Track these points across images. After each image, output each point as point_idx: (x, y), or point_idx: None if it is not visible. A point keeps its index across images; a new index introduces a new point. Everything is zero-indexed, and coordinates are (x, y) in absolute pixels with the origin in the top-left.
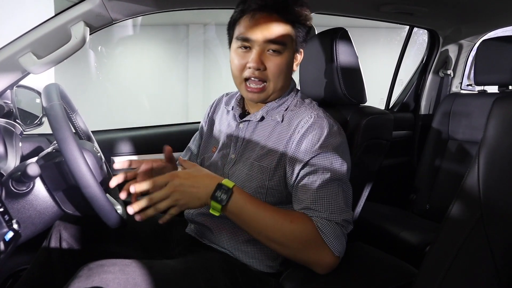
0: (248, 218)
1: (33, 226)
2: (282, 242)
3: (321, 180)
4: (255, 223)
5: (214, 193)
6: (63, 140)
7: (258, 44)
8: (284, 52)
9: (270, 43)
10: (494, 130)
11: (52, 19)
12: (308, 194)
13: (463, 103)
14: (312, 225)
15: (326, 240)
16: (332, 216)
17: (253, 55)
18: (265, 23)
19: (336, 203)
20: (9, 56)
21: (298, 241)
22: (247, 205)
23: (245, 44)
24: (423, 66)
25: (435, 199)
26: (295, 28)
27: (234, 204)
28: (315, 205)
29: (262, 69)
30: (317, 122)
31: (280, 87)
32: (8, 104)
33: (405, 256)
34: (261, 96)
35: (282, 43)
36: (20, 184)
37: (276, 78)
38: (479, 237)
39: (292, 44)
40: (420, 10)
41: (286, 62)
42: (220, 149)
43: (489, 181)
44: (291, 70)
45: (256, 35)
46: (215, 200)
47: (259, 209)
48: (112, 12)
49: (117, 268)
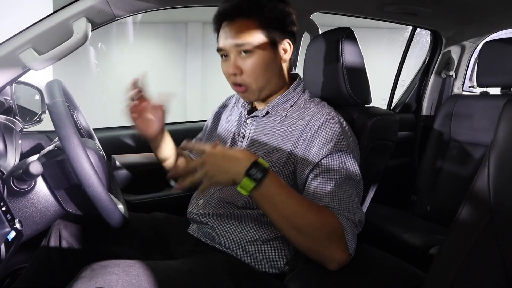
0: (278, 202)
1: (34, 225)
2: (307, 231)
3: (336, 179)
4: (283, 208)
5: (249, 170)
6: (66, 138)
7: (230, 51)
8: (256, 50)
9: (238, 47)
10: (505, 133)
11: (53, 14)
12: (325, 193)
13: (465, 104)
14: (336, 219)
15: (346, 236)
16: (351, 215)
17: (229, 62)
18: (230, 29)
19: (353, 202)
20: (9, 51)
21: (322, 232)
22: (279, 189)
23: (223, 53)
24: (425, 67)
25: (436, 200)
26: (261, 23)
27: (267, 186)
28: (334, 203)
29: (238, 73)
30: (329, 121)
31: (264, 83)
32: (8, 100)
33: (408, 258)
34: (249, 96)
35: (249, 43)
36: (21, 182)
37: (255, 78)
38: (488, 241)
39: (264, 40)
40: (423, 11)
41: (262, 59)
42: (228, 145)
43: (500, 184)
44: (274, 66)
45: (225, 43)
46: (250, 177)
47: (290, 195)
48: (115, 8)
49: (120, 269)
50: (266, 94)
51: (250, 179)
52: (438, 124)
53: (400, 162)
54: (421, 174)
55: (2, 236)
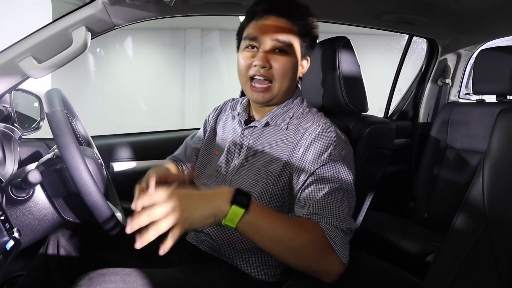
0: (266, 227)
1: (32, 233)
2: (296, 251)
3: (328, 189)
4: (272, 233)
5: (235, 197)
6: (65, 146)
7: (265, 43)
8: (290, 53)
9: (277, 42)
10: (499, 143)
11: (53, 23)
12: (315, 201)
13: (462, 112)
14: (321, 232)
15: (335, 247)
16: (339, 223)
17: (260, 53)
18: (272, 24)
19: (342, 210)
20: (9, 59)
21: (311, 249)
22: (264, 213)
23: (253, 43)
24: (422, 74)
25: (433, 207)
26: (301, 33)
27: (253, 212)
28: (323, 211)
29: (267, 67)
30: (325, 131)
31: (285, 88)
32: (7, 108)
33: (405, 265)
34: (265, 96)
35: (289, 43)
36: (20, 190)
37: (282, 78)
38: (484, 249)
39: (298, 48)
40: (420, 20)
41: (292, 63)
42: (224, 155)
43: (494, 193)
44: (296, 74)
45: (263, 34)
46: (237, 204)
47: (276, 218)
48: (114, 18)
49: (118, 277)
50: (277, 100)
51: (238, 206)
52: (435, 131)
53: (397, 169)
54: (418, 181)
55: (1, 245)
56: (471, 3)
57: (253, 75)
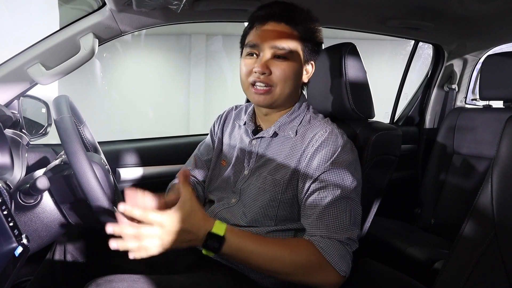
0: (246, 255)
1: (40, 239)
2: (285, 272)
3: (330, 197)
4: (254, 259)
5: (206, 242)
6: (73, 153)
7: (265, 50)
8: (291, 59)
9: (276, 48)
10: (508, 149)
11: (61, 30)
12: (315, 209)
13: (468, 117)
14: (313, 248)
15: (330, 260)
16: (335, 235)
17: (260, 60)
18: (272, 30)
19: (342, 221)
20: (17, 66)
21: (301, 267)
22: (243, 243)
23: (253, 50)
24: (428, 80)
25: (440, 213)
26: (302, 37)
27: (228, 248)
28: (322, 221)
29: (267, 73)
30: (331, 138)
31: (287, 93)
32: (15, 114)
33: (412, 272)
34: (267, 98)
35: (289, 49)
36: (28, 196)
37: (283, 83)
38: (493, 257)
39: (299, 53)
40: (426, 25)
41: (293, 69)
42: (233, 165)
43: (503, 200)
44: (299, 80)
45: (263, 41)
46: (208, 249)
47: (256, 245)
48: (122, 24)
49: (125, 284)
50: (279, 104)
51: (209, 250)
52: (441, 137)
53: (404, 175)
54: (425, 187)
55: (9, 251)
56: (477, 8)
57: (253, 81)
